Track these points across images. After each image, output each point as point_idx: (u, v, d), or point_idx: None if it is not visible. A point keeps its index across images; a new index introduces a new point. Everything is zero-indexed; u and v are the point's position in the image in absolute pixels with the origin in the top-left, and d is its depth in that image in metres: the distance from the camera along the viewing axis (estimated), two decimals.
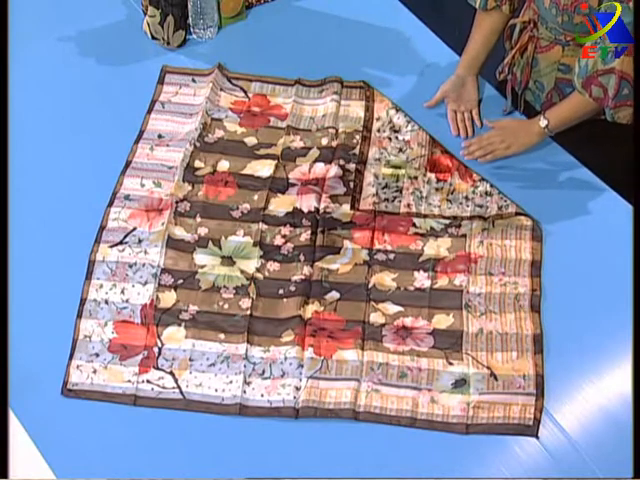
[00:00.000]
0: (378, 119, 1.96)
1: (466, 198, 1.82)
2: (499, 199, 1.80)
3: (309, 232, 1.77)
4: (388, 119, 1.96)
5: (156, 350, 1.61)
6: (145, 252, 1.74)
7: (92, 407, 1.55)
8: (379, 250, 1.75)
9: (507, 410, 1.54)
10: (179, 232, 1.77)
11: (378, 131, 1.94)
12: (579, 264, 1.73)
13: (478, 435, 1.52)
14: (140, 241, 1.75)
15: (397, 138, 1.93)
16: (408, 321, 1.66)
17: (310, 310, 1.67)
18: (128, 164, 1.88)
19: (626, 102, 1.70)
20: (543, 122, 1.81)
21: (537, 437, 1.51)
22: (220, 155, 1.90)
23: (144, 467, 1.48)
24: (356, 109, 2.00)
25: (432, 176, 1.86)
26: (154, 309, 1.66)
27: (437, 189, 1.84)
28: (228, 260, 1.74)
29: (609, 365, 1.61)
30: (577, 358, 1.61)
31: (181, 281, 1.70)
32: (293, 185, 1.85)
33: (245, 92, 2.04)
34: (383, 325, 1.65)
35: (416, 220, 1.79)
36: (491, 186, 1.83)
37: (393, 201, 1.82)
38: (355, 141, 1.93)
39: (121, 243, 1.75)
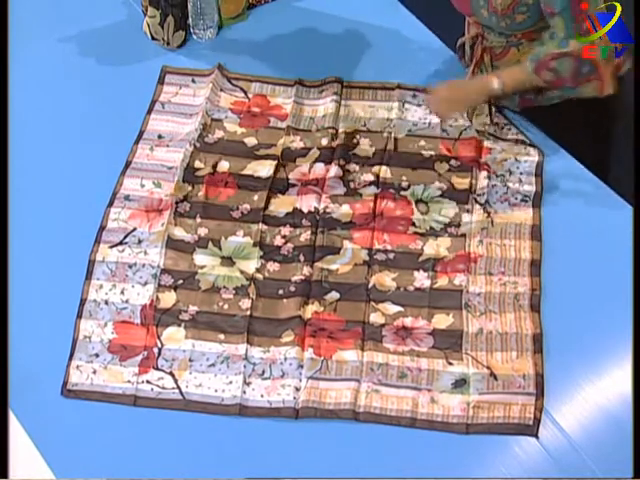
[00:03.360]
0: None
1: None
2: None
3: (309, 232, 1.77)
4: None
5: (156, 350, 1.61)
6: (145, 252, 1.74)
7: (92, 407, 1.55)
8: (379, 250, 1.75)
9: (507, 410, 1.54)
10: (179, 232, 1.77)
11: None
12: (579, 264, 1.73)
13: (478, 435, 1.52)
14: (140, 241, 1.75)
15: None
16: (408, 321, 1.66)
17: (310, 310, 1.66)
18: (128, 164, 1.88)
19: (589, 78, 1.73)
20: (498, 84, 1.77)
21: (537, 437, 1.51)
22: (220, 155, 1.90)
23: (144, 467, 1.48)
24: (356, 109, 2.00)
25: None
26: (154, 309, 1.66)
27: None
28: (228, 260, 1.74)
29: (609, 365, 1.61)
30: (577, 358, 1.60)
31: (181, 281, 1.70)
32: (293, 185, 1.85)
33: (245, 92, 2.04)
34: (383, 325, 1.65)
35: (415, 219, 1.79)
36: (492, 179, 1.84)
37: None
38: (355, 141, 1.93)
39: (121, 243, 1.75)
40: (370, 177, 1.86)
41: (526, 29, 1.79)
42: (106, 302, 1.67)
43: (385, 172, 1.87)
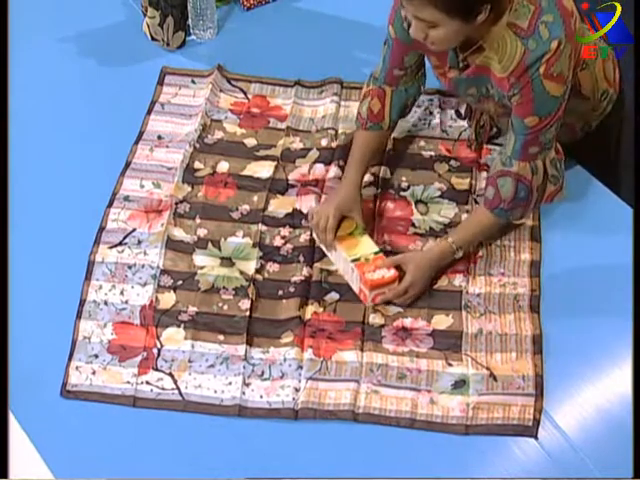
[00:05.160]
0: None
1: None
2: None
3: (308, 233, 1.77)
4: None
5: (155, 351, 1.61)
6: (144, 253, 1.74)
7: (91, 408, 1.55)
8: None
9: (506, 411, 1.54)
10: (178, 233, 1.77)
11: None
12: (579, 265, 1.73)
13: (477, 436, 1.52)
14: (139, 242, 1.75)
15: None
16: (407, 322, 1.66)
17: (309, 311, 1.66)
18: (128, 165, 1.89)
19: (522, 204, 1.66)
20: (459, 254, 1.69)
21: (536, 438, 1.51)
22: (220, 156, 1.91)
23: (144, 467, 1.48)
24: (356, 110, 1.99)
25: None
26: (153, 310, 1.66)
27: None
28: (227, 261, 1.74)
29: (609, 365, 1.61)
30: (577, 358, 1.60)
31: (180, 282, 1.70)
32: (292, 186, 1.85)
33: (245, 93, 2.04)
34: (382, 326, 1.65)
35: (415, 220, 1.79)
36: None
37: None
38: None
39: (120, 244, 1.75)
40: (370, 177, 1.86)
41: None
42: (105, 303, 1.67)
43: (385, 172, 1.87)
